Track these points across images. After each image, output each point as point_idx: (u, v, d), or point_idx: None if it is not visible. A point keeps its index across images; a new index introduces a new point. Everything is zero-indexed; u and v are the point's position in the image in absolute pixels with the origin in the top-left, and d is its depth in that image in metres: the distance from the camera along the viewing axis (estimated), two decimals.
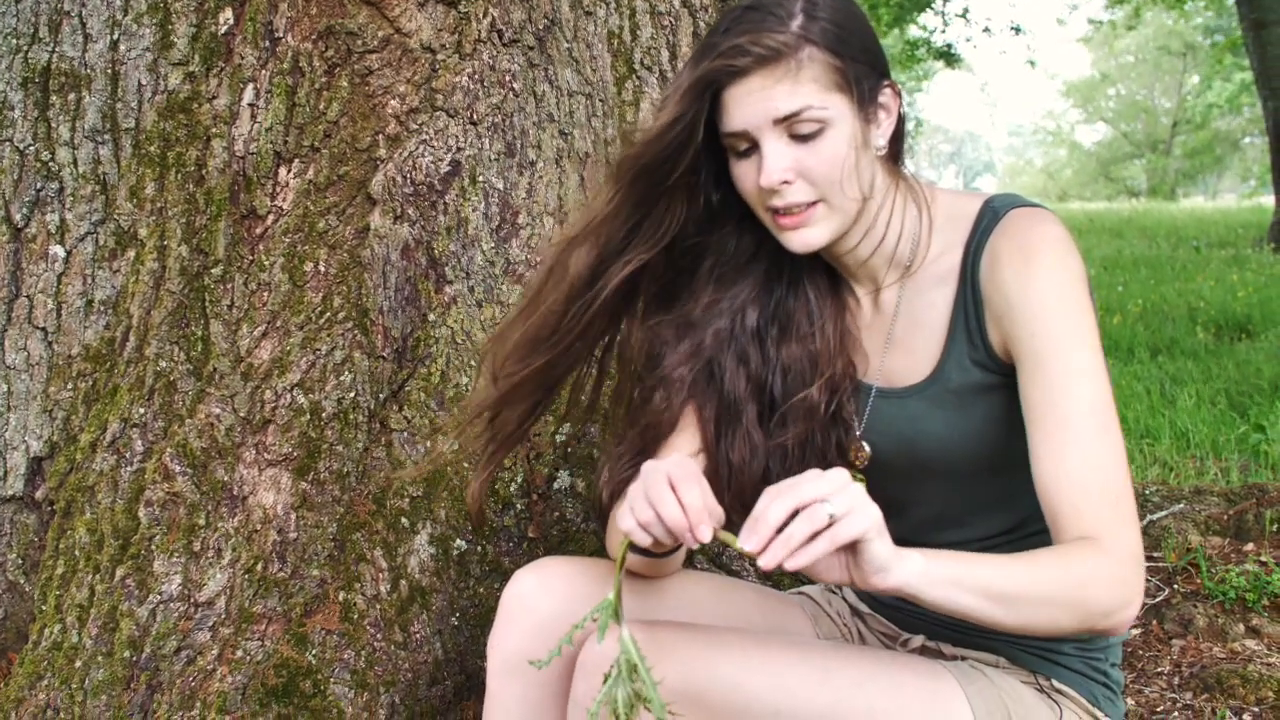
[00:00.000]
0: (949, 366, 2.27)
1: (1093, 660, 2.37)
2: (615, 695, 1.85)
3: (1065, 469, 2.04)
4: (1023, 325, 2.13)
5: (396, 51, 3.13)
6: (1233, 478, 6.13)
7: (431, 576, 3.04)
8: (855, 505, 1.80)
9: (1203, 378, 9.13)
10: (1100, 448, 2.05)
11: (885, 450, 2.38)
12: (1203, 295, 13.49)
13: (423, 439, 3.11)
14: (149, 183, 3.16)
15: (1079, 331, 2.10)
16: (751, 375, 2.41)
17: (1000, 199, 2.29)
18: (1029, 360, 2.12)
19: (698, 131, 2.17)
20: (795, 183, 2.15)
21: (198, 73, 3.16)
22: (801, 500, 1.79)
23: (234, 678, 2.84)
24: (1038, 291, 2.12)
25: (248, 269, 3.08)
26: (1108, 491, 2.03)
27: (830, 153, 2.13)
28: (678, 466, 1.96)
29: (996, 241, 2.20)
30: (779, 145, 2.13)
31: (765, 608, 2.55)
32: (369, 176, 3.12)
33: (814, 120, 2.11)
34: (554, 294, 2.30)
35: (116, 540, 2.96)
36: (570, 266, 2.28)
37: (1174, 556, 3.94)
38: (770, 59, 2.09)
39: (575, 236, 2.29)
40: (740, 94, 2.12)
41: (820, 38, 2.11)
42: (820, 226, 2.20)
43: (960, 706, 2.20)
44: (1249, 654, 3.32)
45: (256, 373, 3.02)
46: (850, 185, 2.17)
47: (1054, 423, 2.07)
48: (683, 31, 3.59)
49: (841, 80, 2.13)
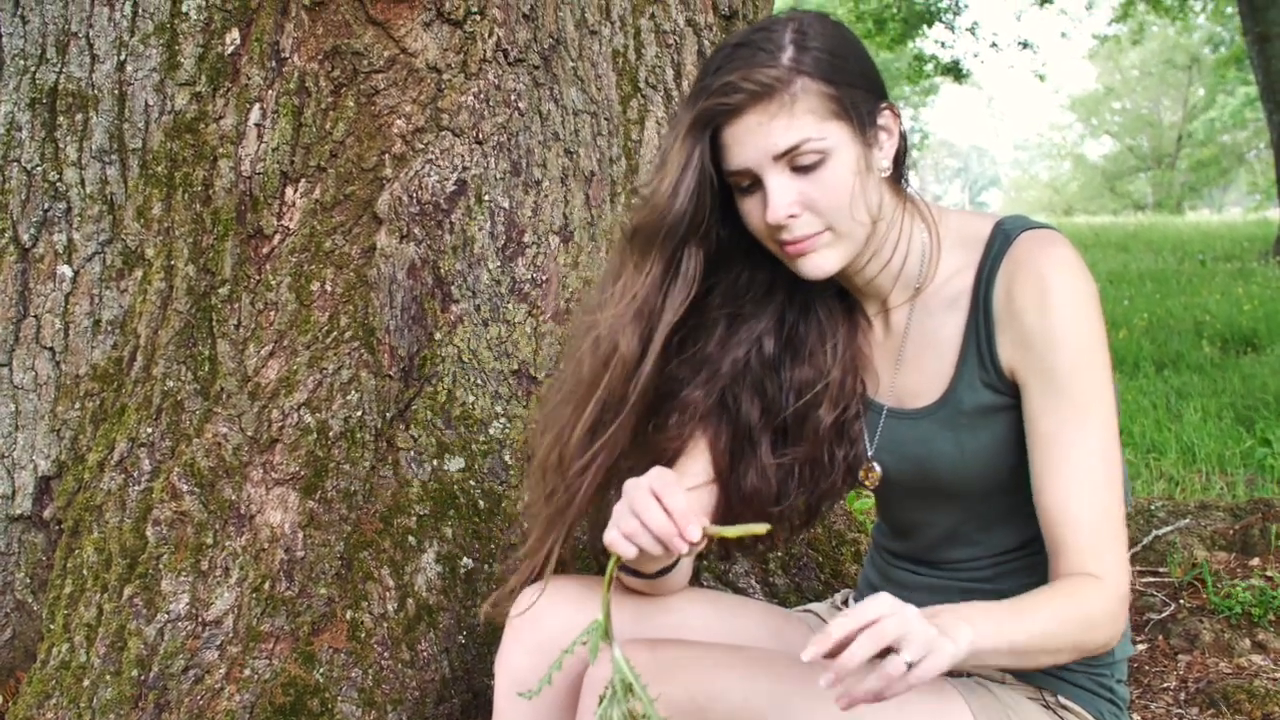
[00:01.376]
0: (961, 388, 2.27)
1: (1099, 676, 2.37)
2: (610, 716, 1.85)
3: (1074, 507, 2.09)
4: (1038, 354, 2.14)
5: (402, 71, 3.14)
6: (1239, 492, 6.13)
7: (439, 595, 3.05)
8: (932, 647, 1.79)
9: (1209, 392, 9.13)
10: (1105, 490, 2.10)
11: (896, 470, 2.39)
12: (1208, 309, 13.47)
13: (429, 458, 3.12)
14: (156, 203, 3.17)
15: (1093, 366, 2.12)
16: (767, 403, 2.41)
17: (1010, 221, 2.29)
18: (1042, 389, 2.13)
19: (707, 174, 2.17)
20: (802, 215, 2.15)
21: (204, 93, 3.17)
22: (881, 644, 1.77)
23: (242, 696, 2.84)
24: (1054, 321, 2.13)
25: (254, 288, 3.09)
26: (1109, 531, 2.09)
27: (834, 182, 2.13)
28: (658, 477, 1.97)
29: (1010, 266, 2.20)
30: (782, 180, 2.13)
31: (771, 626, 2.55)
32: (375, 196, 3.13)
33: (814, 152, 2.11)
34: (609, 379, 2.28)
35: (124, 559, 2.97)
36: (621, 347, 2.26)
37: (1180, 572, 3.94)
38: (763, 95, 2.09)
39: (619, 316, 2.26)
40: (738, 132, 2.13)
41: (813, 68, 2.11)
42: (830, 252, 2.20)
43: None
44: (1255, 669, 3.32)
45: (263, 392, 3.03)
46: (858, 211, 2.17)
47: (1062, 458, 2.10)
48: (687, 50, 3.59)
49: (838, 108, 2.12)
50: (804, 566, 3.37)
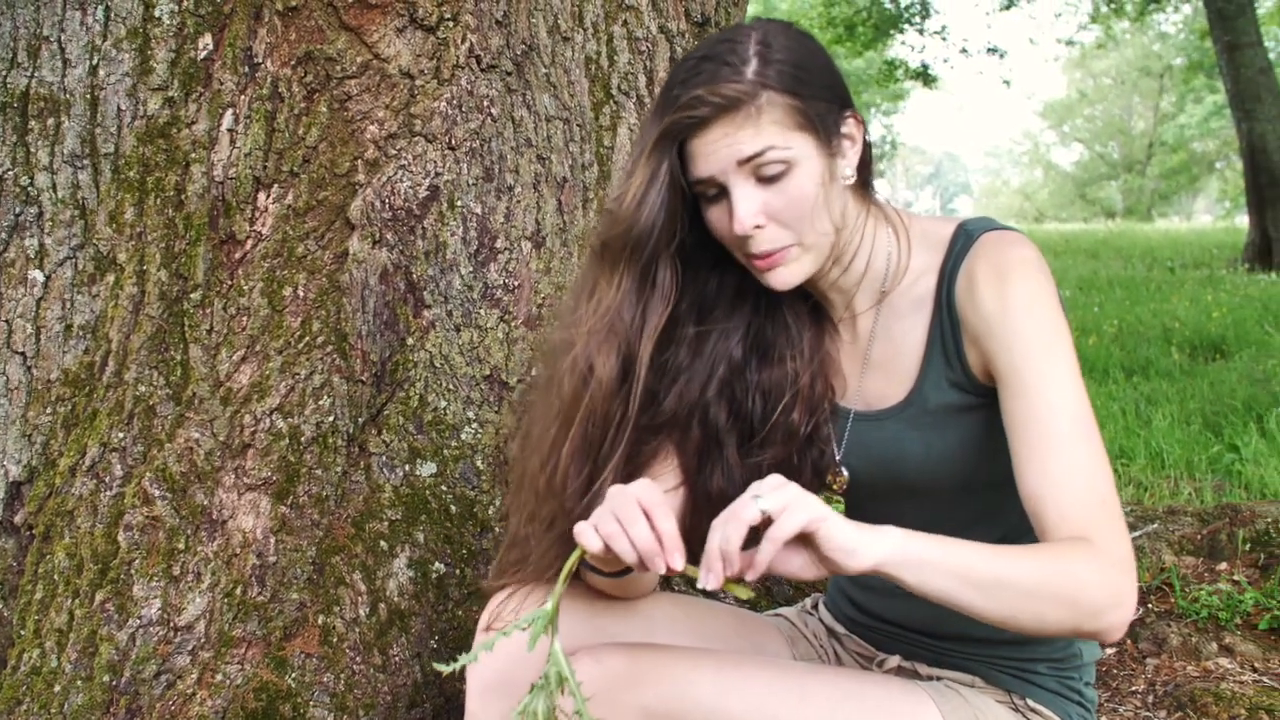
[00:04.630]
0: (926, 388, 2.29)
1: (1067, 679, 2.39)
2: (536, 708, 1.84)
3: (1050, 477, 2.03)
4: (1001, 343, 2.15)
5: (375, 77, 3.14)
6: (1207, 497, 6.16)
7: (410, 600, 3.05)
8: (790, 499, 1.82)
9: (1177, 398, 9.17)
10: (1083, 453, 2.05)
11: (864, 472, 2.40)
12: (1177, 316, 13.54)
13: (401, 463, 3.12)
14: (128, 208, 3.16)
15: (1055, 347, 2.12)
16: (734, 407, 2.41)
17: (973, 222, 2.31)
18: (1009, 377, 2.13)
19: (677, 185, 2.18)
20: (767, 227, 2.16)
21: (177, 98, 3.16)
22: (732, 514, 1.81)
23: (214, 701, 2.84)
24: (1014, 310, 2.14)
25: (227, 294, 3.09)
26: (1093, 494, 2.01)
27: (797, 193, 2.14)
28: (646, 492, 1.96)
29: (972, 264, 2.22)
30: (747, 189, 2.14)
31: (742, 630, 2.56)
32: (348, 201, 3.14)
33: (779, 161, 2.12)
34: (590, 399, 2.27)
35: (96, 564, 2.96)
36: (598, 368, 2.26)
37: (1148, 576, 3.97)
38: (729, 108, 2.10)
39: (595, 333, 2.26)
40: (704, 144, 2.13)
41: (777, 81, 2.11)
42: (796, 265, 2.21)
43: None
44: (1222, 672, 3.35)
45: (235, 397, 3.03)
46: (821, 220, 2.18)
47: (1036, 434, 2.08)
48: (659, 57, 3.60)
49: (803, 120, 2.13)
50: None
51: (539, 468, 2.32)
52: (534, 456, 2.34)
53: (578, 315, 2.30)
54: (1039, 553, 1.96)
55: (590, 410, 2.27)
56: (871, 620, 2.57)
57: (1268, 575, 3.89)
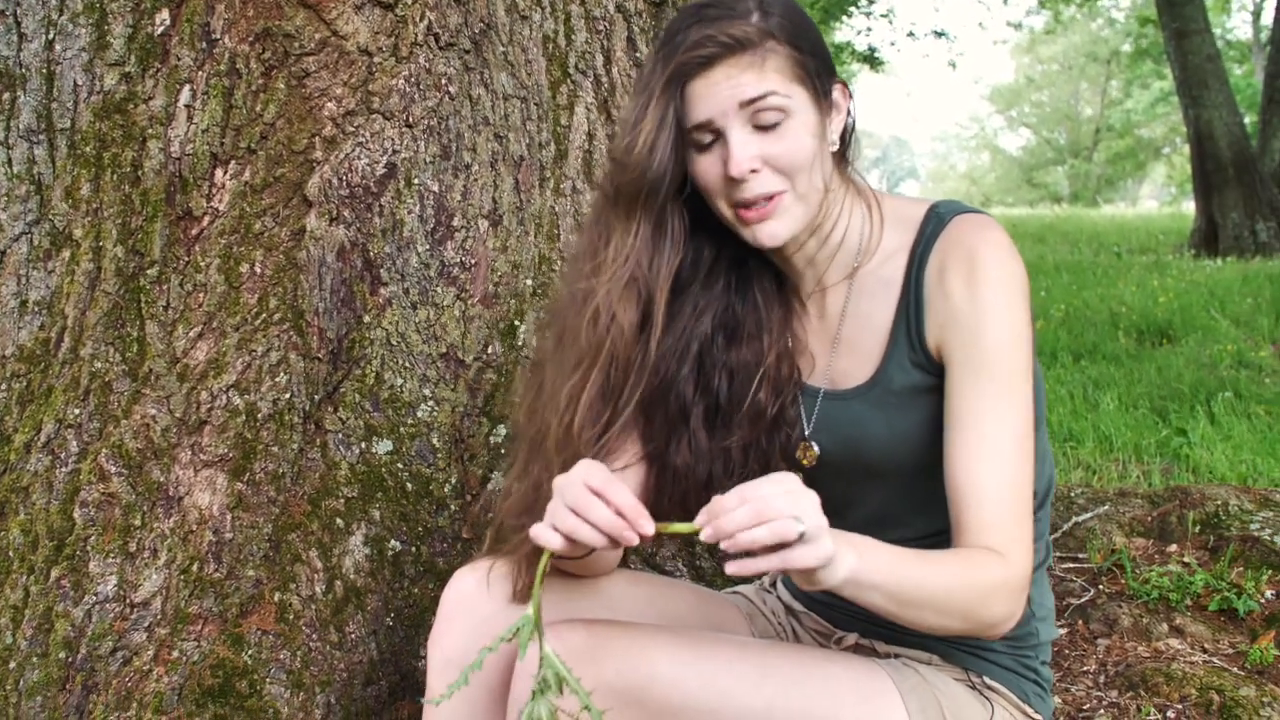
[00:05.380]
0: (891, 369, 2.30)
1: (1024, 658, 2.41)
2: (540, 713, 1.84)
3: (979, 483, 2.11)
4: (962, 333, 2.17)
5: (333, 54, 3.14)
6: (1155, 480, 6.21)
7: (366, 577, 3.05)
8: (820, 532, 1.83)
9: (1125, 382, 9.23)
10: (1012, 470, 2.13)
11: (830, 451, 2.41)
12: (1124, 300, 13.61)
13: (357, 440, 3.12)
14: (84, 183, 3.15)
15: (1016, 347, 2.15)
16: (701, 381, 2.41)
17: (945, 205, 2.32)
18: (963, 366, 2.16)
19: (683, 129, 2.19)
20: (761, 171, 2.17)
21: (134, 73, 3.15)
22: (772, 514, 1.80)
23: (170, 678, 2.84)
24: (981, 302, 2.16)
25: (183, 270, 3.08)
26: (1014, 511, 2.11)
27: (793, 141, 2.16)
28: (591, 474, 1.97)
29: (942, 247, 2.24)
30: (744, 134, 2.15)
31: (702, 608, 2.57)
32: (305, 178, 3.13)
33: (777, 109, 2.14)
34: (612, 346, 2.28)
35: (51, 541, 2.95)
36: (619, 316, 2.26)
37: (1099, 557, 4.00)
38: (736, 48, 2.12)
39: (615, 281, 2.26)
40: (707, 84, 2.15)
41: (779, 32, 2.15)
42: (785, 219, 2.22)
43: (894, 704, 2.23)
44: (1173, 653, 3.38)
45: (192, 374, 3.02)
46: (815, 174, 2.20)
47: (977, 436, 2.13)
48: (617, 36, 3.60)
49: (802, 73, 2.17)
50: None
51: (556, 418, 2.31)
52: (549, 411, 2.33)
53: (597, 263, 2.29)
54: (963, 571, 2.07)
55: (612, 356, 2.27)
56: (829, 598, 2.58)
57: (1217, 557, 3.93)
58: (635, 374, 2.30)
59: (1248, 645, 3.44)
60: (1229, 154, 20.29)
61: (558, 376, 2.34)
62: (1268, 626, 3.52)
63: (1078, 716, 3.09)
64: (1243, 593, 3.67)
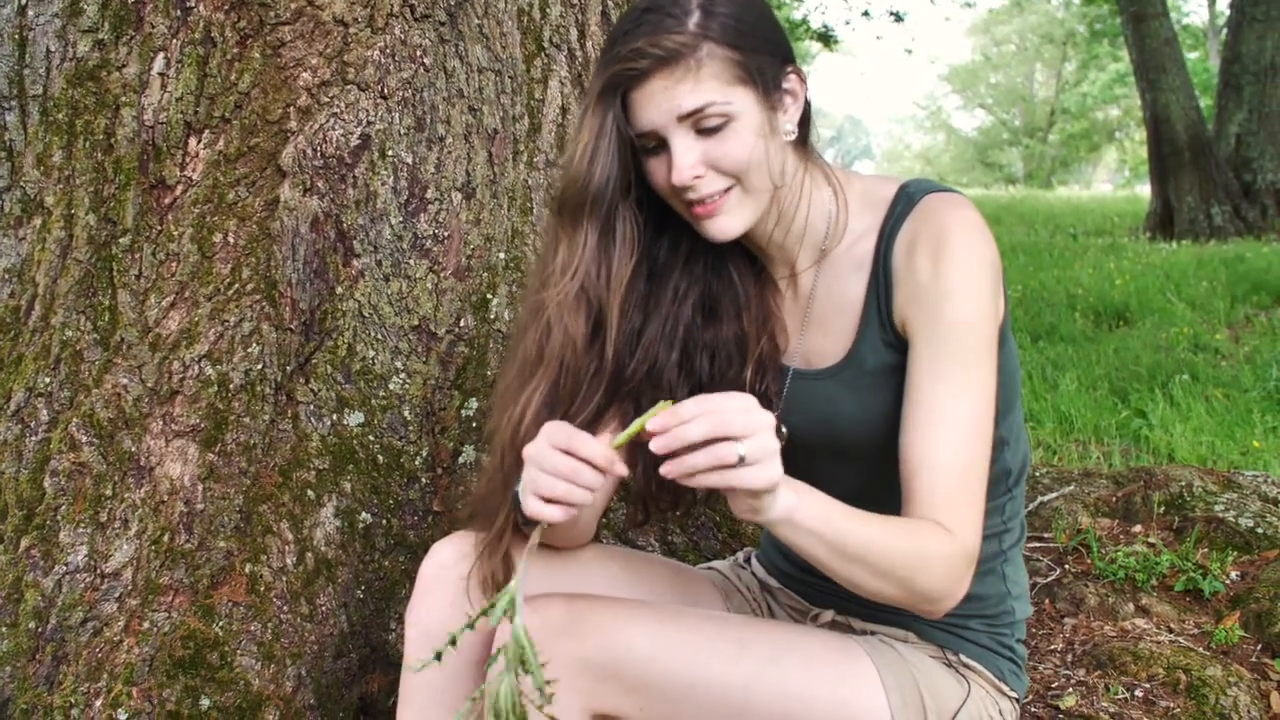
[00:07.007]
0: (863, 349, 2.30)
1: (999, 636, 2.42)
2: (500, 690, 1.84)
3: (932, 459, 2.12)
4: (925, 309, 2.18)
5: (309, 24, 3.12)
6: (1115, 461, 6.25)
7: (337, 549, 3.05)
8: (766, 455, 1.83)
9: (1083, 363, 9.28)
10: (968, 448, 2.13)
11: (802, 431, 2.41)
12: (1081, 283, 13.68)
13: (329, 412, 3.11)
14: (56, 150, 3.13)
15: (979, 325, 2.16)
16: (684, 362, 2.42)
17: (915, 184, 2.33)
18: (923, 344, 2.17)
19: (625, 136, 2.18)
20: (706, 175, 2.17)
21: (107, 40, 3.13)
22: (723, 431, 1.80)
23: (141, 649, 2.83)
24: (945, 279, 2.16)
25: (156, 239, 3.06)
26: (968, 490, 2.11)
27: (737, 144, 2.15)
28: (558, 435, 1.97)
29: (912, 225, 2.24)
30: (686, 141, 2.15)
31: (678, 583, 2.58)
32: (279, 148, 3.11)
33: (718, 115, 2.13)
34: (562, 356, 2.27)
35: (21, 510, 2.94)
36: (570, 328, 2.25)
37: (1065, 537, 4.02)
38: (669, 60, 2.10)
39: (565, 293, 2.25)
40: (644, 95, 2.14)
41: (719, 34, 2.12)
42: (735, 215, 2.22)
43: (871, 680, 2.24)
44: (1139, 632, 3.40)
45: (164, 343, 3.01)
46: (760, 174, 2.19)
47: (936, 414, 2.13)
48: (591, 10, 3.60)
49: (743, 74, 2.14)
50: (702, 525, 3.40)
51: (504, 420, 2.31)
52: (500, 412, 2.33)
53: (546, 276, 2.29)
54: (906, 535, 2.07)
55: (562, 367, 2.27)
56: (804, 574, 2.59)
57: (1182, 538, 3.95)
58: (589, 383, 2.30)
59: (1213, 626, 3.46)
60: (1185, 137, 20.42)
61: (510, 379, 2.34)
62: (1233, 607, 3.54)
63: (1046, 695, 3.11)
64: (1208, 574, 3.69)
